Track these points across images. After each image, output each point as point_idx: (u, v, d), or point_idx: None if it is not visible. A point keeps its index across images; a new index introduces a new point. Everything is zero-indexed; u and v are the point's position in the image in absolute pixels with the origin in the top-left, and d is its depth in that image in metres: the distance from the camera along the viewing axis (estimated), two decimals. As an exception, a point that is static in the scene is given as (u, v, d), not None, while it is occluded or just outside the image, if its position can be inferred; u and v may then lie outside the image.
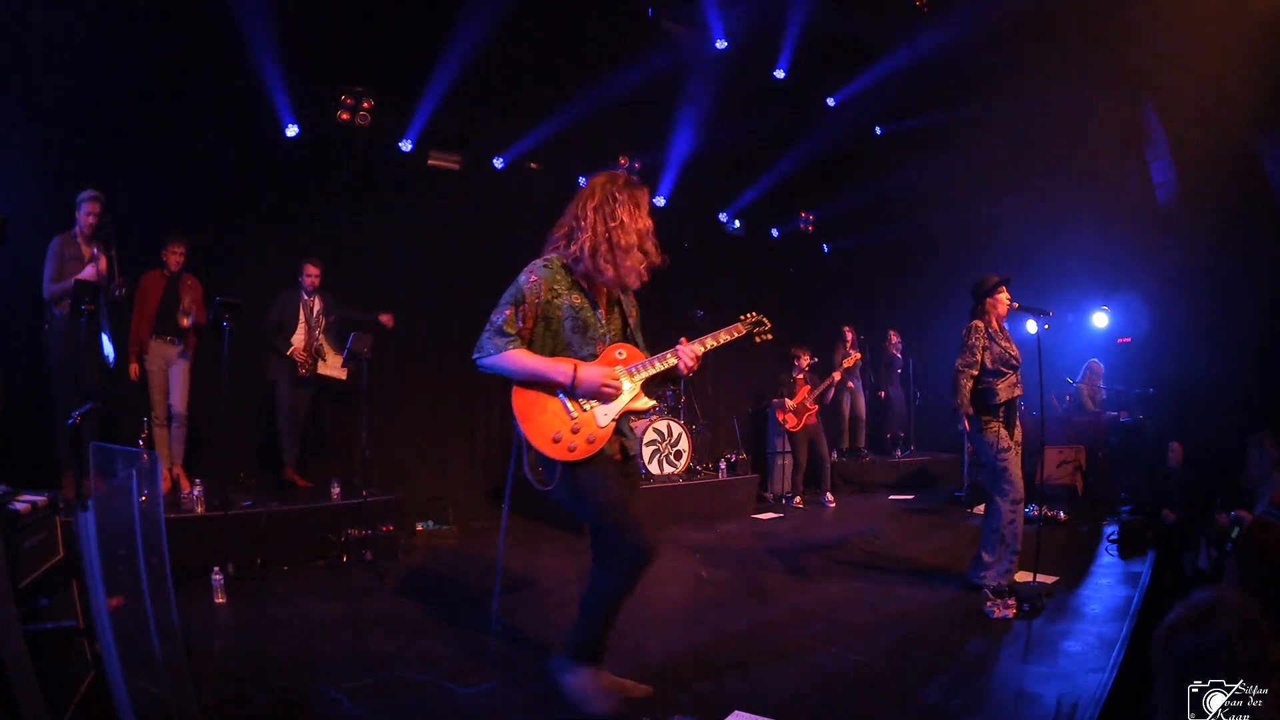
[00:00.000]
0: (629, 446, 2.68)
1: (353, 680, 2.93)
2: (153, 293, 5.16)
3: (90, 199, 4.62)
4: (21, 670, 1.85)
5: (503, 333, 2.48)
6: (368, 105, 6.57)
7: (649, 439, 6.63)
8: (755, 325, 2.84)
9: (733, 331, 2.79)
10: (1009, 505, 4.11)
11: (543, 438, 2.48)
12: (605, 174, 2.65)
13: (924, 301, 10.01)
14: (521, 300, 2.50)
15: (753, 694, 2.84)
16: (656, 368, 2.61)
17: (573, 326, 2.55)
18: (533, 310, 2.51)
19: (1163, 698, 1.63)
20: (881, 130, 9.66)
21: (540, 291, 2.52)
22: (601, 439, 2.51)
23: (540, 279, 2.53)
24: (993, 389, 4.14)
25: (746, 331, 2.82)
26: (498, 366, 2.48)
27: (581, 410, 2.51)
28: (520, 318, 2.50)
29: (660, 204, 8.95)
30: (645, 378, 2.61)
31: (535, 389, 2.51)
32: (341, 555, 4.85)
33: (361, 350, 5.14)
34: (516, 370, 2.48)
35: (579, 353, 2.55)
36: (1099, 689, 2.81)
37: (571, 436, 2.48)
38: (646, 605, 4.01)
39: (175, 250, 5.20)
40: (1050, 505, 6.39)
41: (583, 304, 2.57)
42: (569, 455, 2.47)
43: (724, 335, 2.75)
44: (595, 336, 2.59)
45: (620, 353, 2.62)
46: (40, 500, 2.40)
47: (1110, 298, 8.63)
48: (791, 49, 7.93)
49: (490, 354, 2.48)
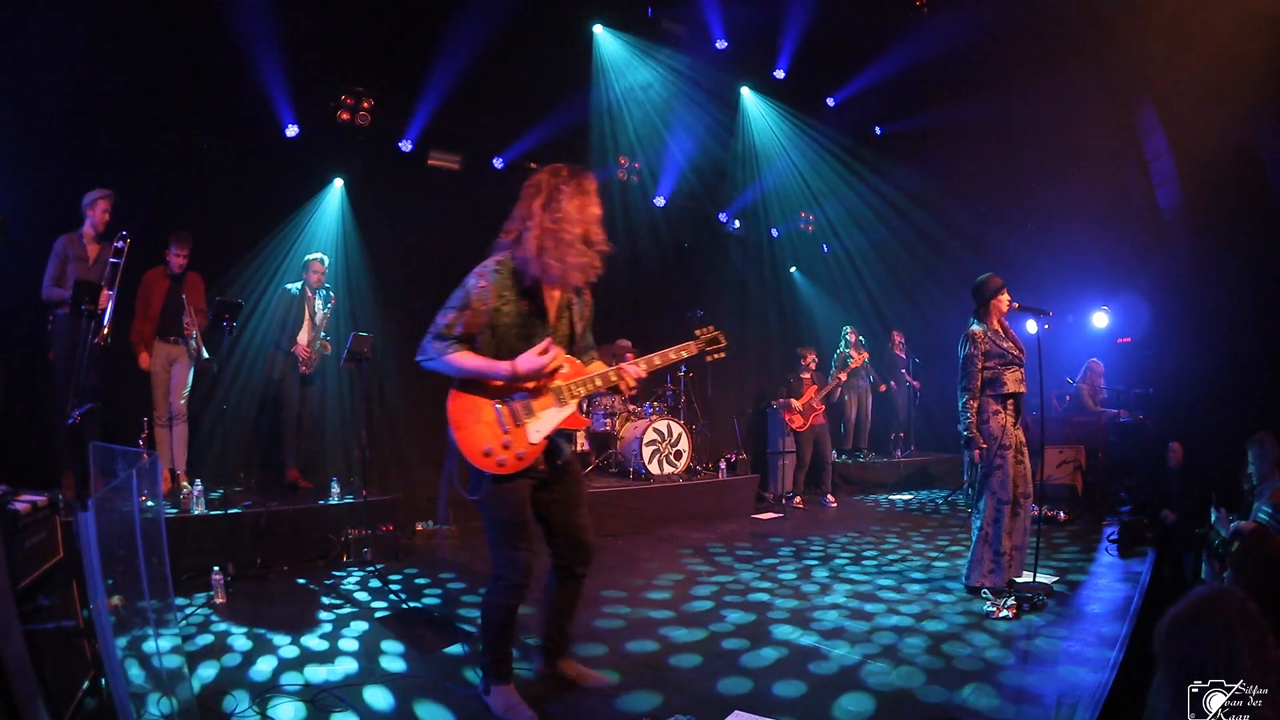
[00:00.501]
0: (564, 449, 2.64)
1: (352, 680, 2.94)
2: (156, 293, 5.14)
3: (103, 196, 4.63)
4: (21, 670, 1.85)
5: (443, 336, 2.46)
6: (368, 105, 6.58)
7: (649, 439, 6.63)
8: (710, 343, 2.78)
9: (683, 350, 2.73)
10: (995, 505, 4.09)
11: (474, 449, 2.46)
12: (549, 169, 2.59)
13: (924, 302, 10.01)
14: (467, 306, 2.48)
15: (753, 694, 2.85)
16: (597, 385, 2.59)
17: (519, 335, 2.51)
18: (478, 317, 2.47)
19: (1163, 691, 1.64)
20: (881, 130, 9.66)
21: (488, 298, 2.47)
22: (530, 456, 2.49)
23: (489, 285, 2.48)
24: (1000, 378, 4.14)
25: (699, 350, 2.76)
26: (442, 367, 2.47)
27: (515, 425, 2.49)
28: (463, 324, 2.47)
29: (660, 204, 8.96)
30: (585, 395, 2.58)
31: (473, 395, 2.50)
32: (341, 555, 4.85)
33: (361, 350, 5.14)
34: (458, 370, 2.46)
35: None
36: (1099, 689, 2.80)
37: (502, 451, 2.46)
38: (647, 605, 4.01)
39: (179, 252, 5.19)
40: (1050, 505, 6.39)
41: (531, 311, 2.53)
42: (497, 469, 2.46)
43: (673, 354, 2.70)
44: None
45: (564, 367, 2.58)
46: (40, 500, 2.39)
47: (1110, 298, 8.63)
48: (792, 49, 7.93)
49: (432, 356, 2.47)
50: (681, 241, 9.40)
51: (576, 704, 2.79)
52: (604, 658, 3.24)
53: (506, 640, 2.62)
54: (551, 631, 2.86)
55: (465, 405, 2.50)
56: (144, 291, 5.12)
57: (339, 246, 6.70)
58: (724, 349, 2.80)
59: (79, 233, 4.64)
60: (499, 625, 2.59)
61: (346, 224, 6.91)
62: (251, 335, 6.02)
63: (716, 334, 2.80)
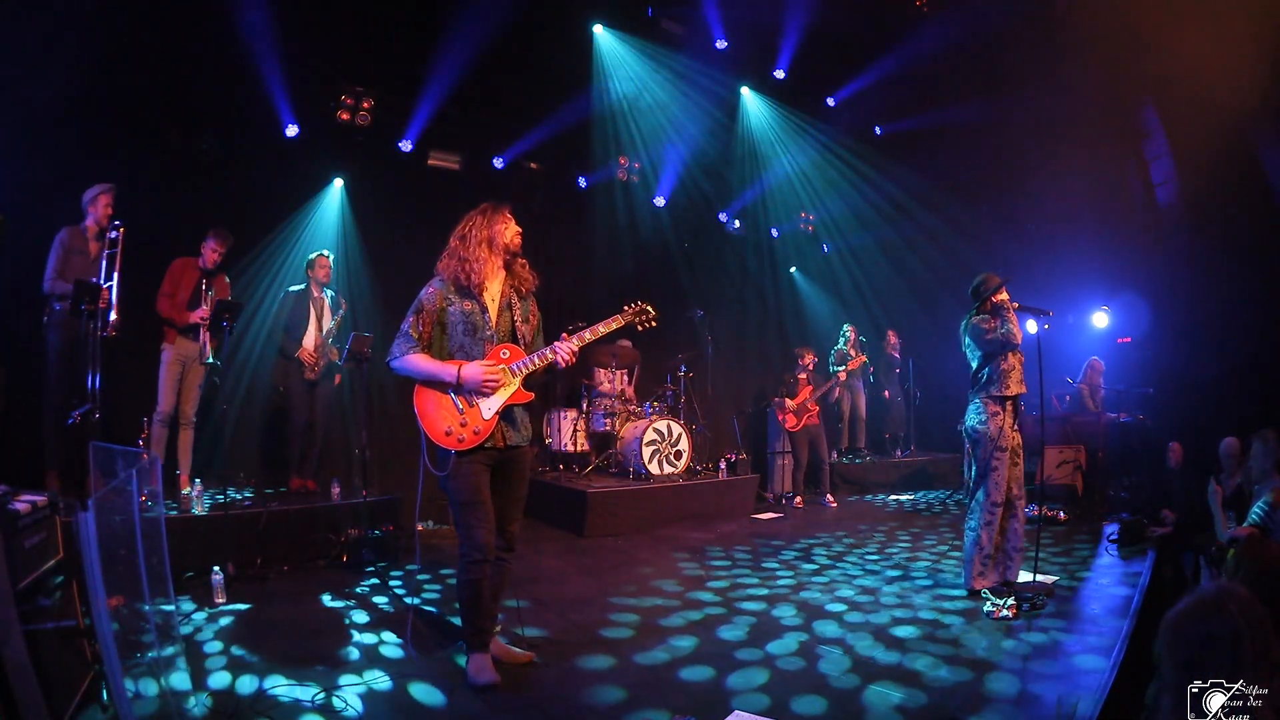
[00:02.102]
0: (511, 437, 2.99)
1: (352, 680, 2.94)
2: (185, 282, 5.07)
3: (104, 191, 4.61)
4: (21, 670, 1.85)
5: (408, 338, 2.93)
6: (368, 105, 6.57)
7: (649, 439, 6.63)
8: (639, 314, 3.19)
9: (612, 323, 3.10)
10: (988, 506, 4.10)
11: (437, 431, 2.87)
12: (476, 208, 3.11)
13: (924, 302, 10.01)
14: (421, 309, 2.97)
15: (753, 694, 2.85)
16: (536, 364, 2.97)
17: (464, 329, 2.96)
18: (430, 316, 2.96)
19: (1166, 691, 1.64)
20: (881, 130, 9.66)
21: (436, 300, 2.98)
22: (486, 430, 2.89)
23: (436, 290, 2.99)
24: (1002, 378, 4.14)
25: (627, 322, 3.16)
26: (402, 368, 2.92)
27: (469, 406, 2.89)
28: (420, 324, 2.95)
29: (660, 204, 8.96)
30: (527, 374, 2.97)
31: (432, 389, 2.91)
32: (341, 555, 4.85)
33: (361, 350, 5.13)
34: (415, 371, 2.91)
35: (470, 351, 2.94)
36: (1099, 689, 2.81)
37: (460, 429, 2.86)
38: (646, 605, 4.01)
39: (217, 248, 5.14)
40: (1050, 505, 6.38)
41: (473, 309, 2.97)
42: (458, 445, 2.85)
43: (603, 327, 3.07)
44: (483, 338, 2.96)
45: (504, 352, 2.97)
46: (40, 500, 2.40)
47: (1110, 298, 8.63)
48: (792, 49, 7.93)
49: (396, 357, 2.93)
50: (682, 241, 9.40)
51: (579, 704, 2.79)
52: (604, 658, 3.24)
53: (476, 612, 2.91)
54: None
55: (427, 397, 2.92)
56: (172, 277, 5.05)
57: (339, 247, 6.69)
58: (654, 319, 3.21)
59: (82, 225, 4.62)
60: (467, 599, 2.91)
61: (346, 224, 6.91)
62: (255, 336, 6.03)
63: (644, 306, 3.20)
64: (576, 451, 7.24)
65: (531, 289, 3.12)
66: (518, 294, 3.08)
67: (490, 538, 2.87)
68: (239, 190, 6.16)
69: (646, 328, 3.20)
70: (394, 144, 6.98)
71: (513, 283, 3.07)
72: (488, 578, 2.89)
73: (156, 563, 2.43)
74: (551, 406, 7.46)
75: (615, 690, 2.90)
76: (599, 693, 2.88)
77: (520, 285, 3.08)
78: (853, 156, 9.64)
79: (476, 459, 2.88)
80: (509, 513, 3.04)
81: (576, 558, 5.27)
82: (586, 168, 8.35)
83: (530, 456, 3.23)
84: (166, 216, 5.49)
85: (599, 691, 2.89)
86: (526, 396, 2.99)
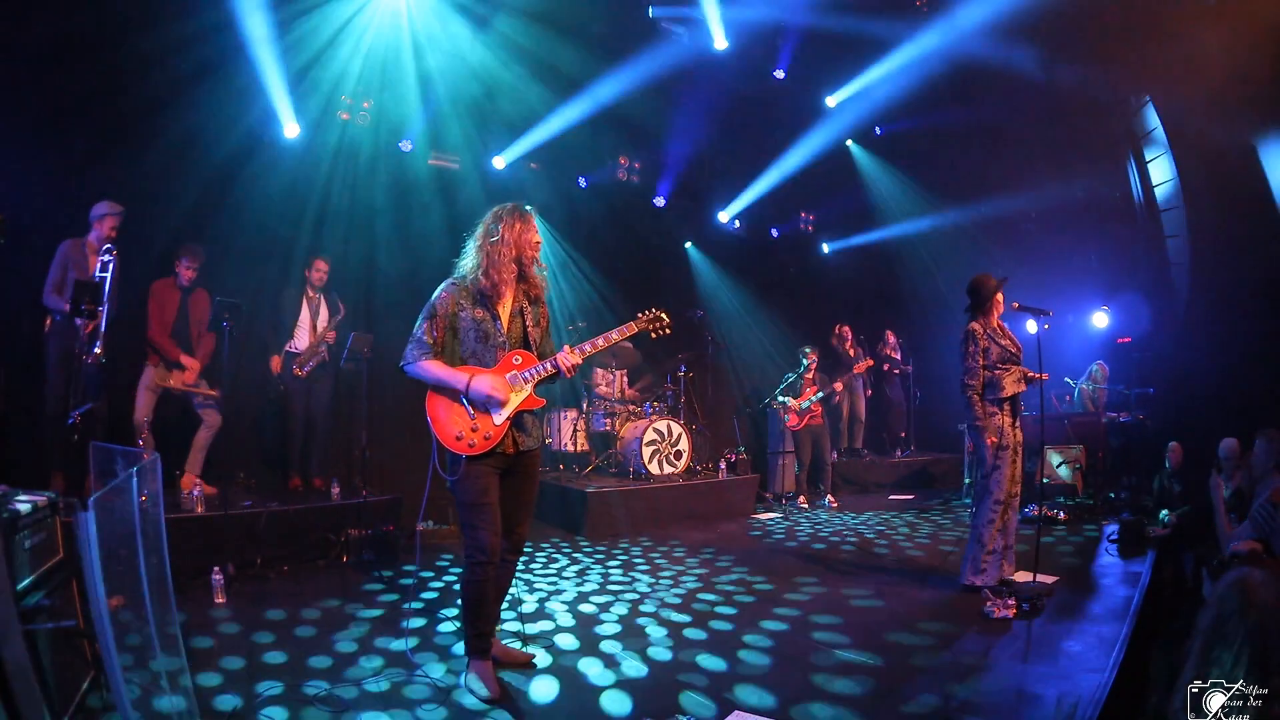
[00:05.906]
0: (522, 442, 2.96)
1: (352, 680, 2.94)
2: (169, 305, 5.05)
3: (112, 213, 4.56)
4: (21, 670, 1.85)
5: (421, 343, 2.88)
6: (367, 105, 6.56)
7: (649, 439, 6.63)
8: (652, 322, 3.12)
9: (625, 330, 3.06)
10: (991, 505, 4.13)
11: (448, 435, 2.85)
12: (498, 207, 3.00)
13: (924, 301, 10.01)
14: (434, 314, 2.91)
15: (752, 694, 2.85)
16: (546, 372, 2.94)
17: (476, 336, 2.92)
18: (443, 321, 2.91)
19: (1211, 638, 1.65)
20: (881, 130, 9.65)
21: (449, 305, 2.92)
22: (497, 435, 2.86)
23: (449, 295, 2.94)
24: (999, 382, 4.15)
25: (640, 330, 3.09)
26: (415, 373, 2.88)
27: (481, 411, 2.86)
28: (434, 329, 2.90)
29: (660, 204, 8.95)
30: (537, 381, 2.94)
31: (444, 394, 2.88)
32: (341, 555, 4.85)
33: (361, 350, 5.13)
34: (428, 377, 2.87)
35: (482, 358, 2.91)
36: (1099, 689, 2.80)
37: (471, 434, 2.84)
38: (646, 605, 4.01)
39: (189, 265, 5.08)
40: (1050, 505, 6.38)
41: (484, 317, 2.93)
42: (469, 450, 2.83)
43: (615, 335, 3.04)
44: (495, 344, 2.93)
45: (516, 359, 2.95)
46: (40, 500, 2.40)
47: (1110, 298, 8.62)
48: (792, 49, 7.92)
49: (410, 362, 2.88)
50: (682, 241, 9.39)
51: (578, 704, 2.79)
52: (603, 658, 3.24)
53: (479, 616, 2.89)
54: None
55: (439, 402, 2.89)
56: (156, 301, 5.02)
57: (339, 247, 6.68)
58: (669, 326, 3.14)
59: (84, 240, 4.60)
60: (470, 602, 2.89)
61: (347, 224, 6.90)
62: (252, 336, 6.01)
63: (660, 313, 3.14)
64: (576, 451, 7.24)
65: (542, 293, 3.08)
66: (528, 299, 3.04)
67: (495, 540, 2.84)
68: (239, 191, 6.13)
69: (661, 335, 3.13)
70: (395, 144, 7.02)
71: (524, 287, 3.02)
72: (491, 580, 2.86)
73: (156, 563, 2.43)
74: (552, 406, 7.46)
75: (617, 694, 2.90)
76: (600, 696, 2.88)
77: (531, 289, 3.03)
78: (852, 157, 9.63)
79: (487, 464, 2.86)
80: (517, 515, 3.02)
81: (577, 557, 5.27)
82: (587, 168, 8.38)
83: (540, 460, 3.20)
84: (166, 217, 5.48)
85: (599, 695, 2.89)
86: (538, 402, 2.97)
